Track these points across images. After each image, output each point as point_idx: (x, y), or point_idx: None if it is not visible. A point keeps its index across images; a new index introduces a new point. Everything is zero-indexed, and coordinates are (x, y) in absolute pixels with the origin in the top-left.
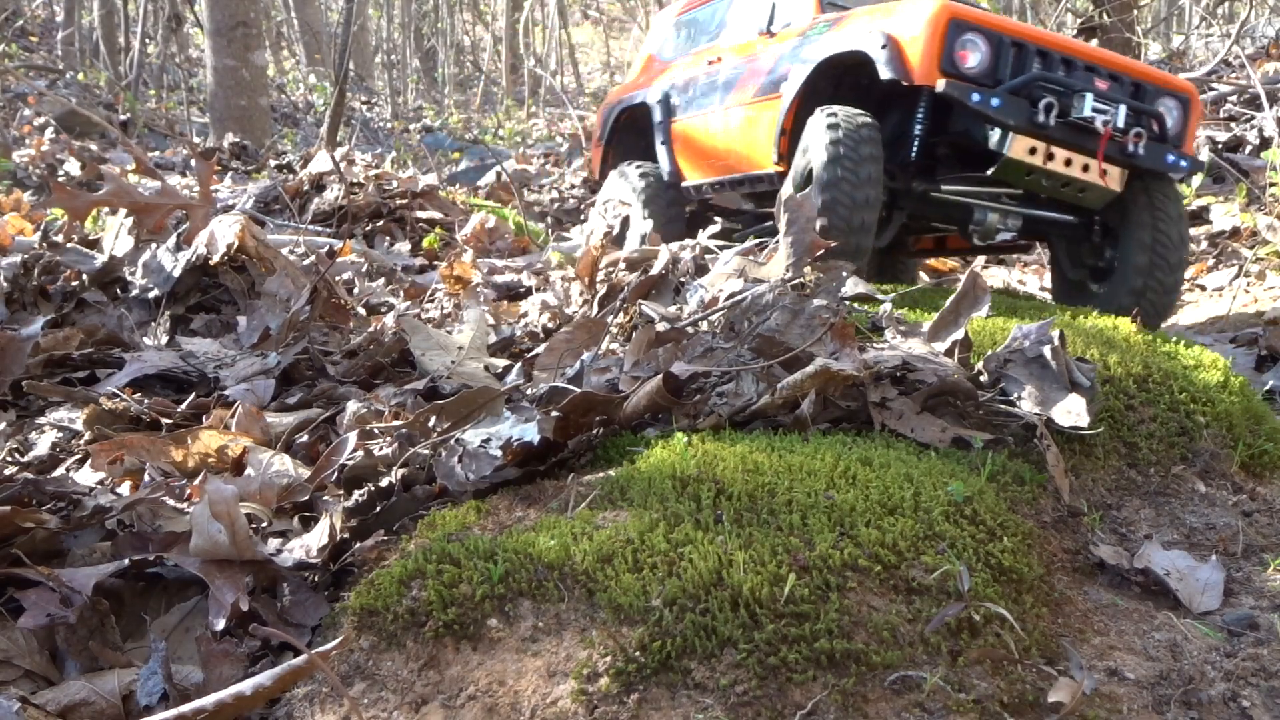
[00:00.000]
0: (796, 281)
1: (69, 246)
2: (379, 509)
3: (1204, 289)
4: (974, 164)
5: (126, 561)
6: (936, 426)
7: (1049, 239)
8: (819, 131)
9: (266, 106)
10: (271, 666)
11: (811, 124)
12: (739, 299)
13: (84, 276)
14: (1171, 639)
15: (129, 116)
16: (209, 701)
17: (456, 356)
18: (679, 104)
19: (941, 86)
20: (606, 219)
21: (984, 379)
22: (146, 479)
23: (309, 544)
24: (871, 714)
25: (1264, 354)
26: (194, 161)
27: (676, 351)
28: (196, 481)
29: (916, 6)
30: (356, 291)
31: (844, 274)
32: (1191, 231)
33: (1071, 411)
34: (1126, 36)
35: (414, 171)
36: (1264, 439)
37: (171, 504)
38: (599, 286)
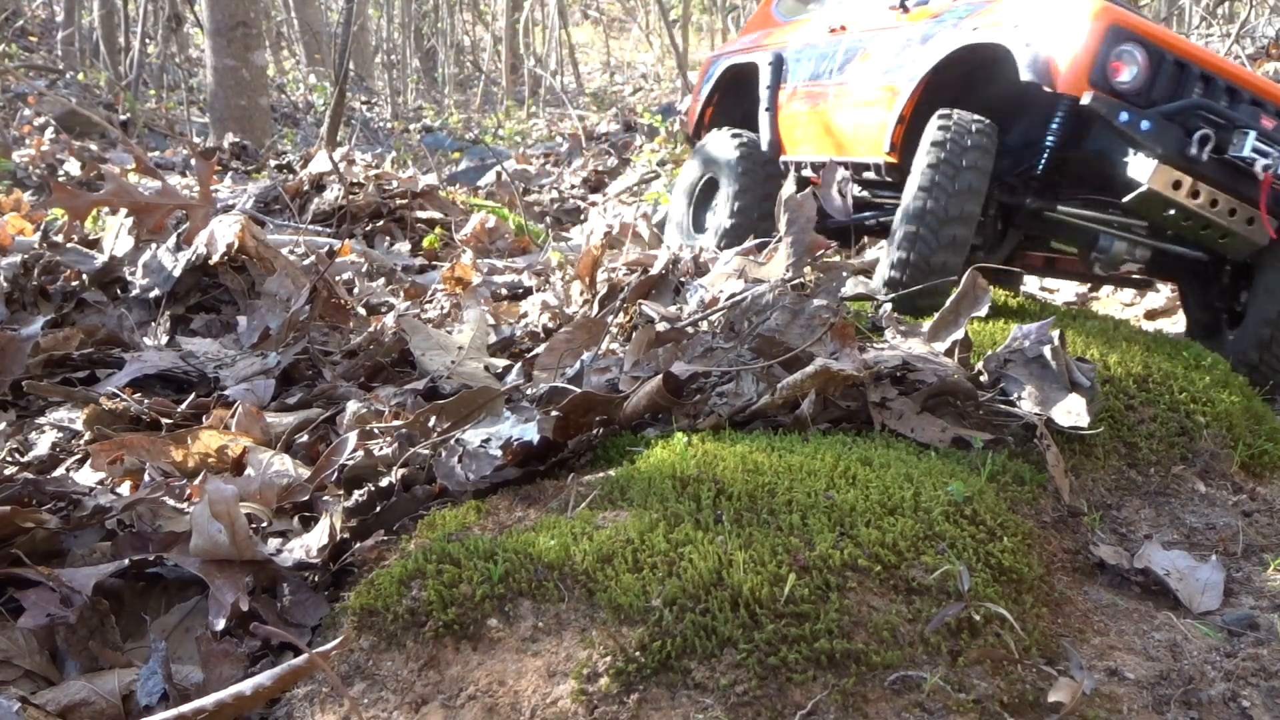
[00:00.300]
0: (796, 281)
1: (69, 246)
2: (379, 509)
3: None
4: (1102, 186)
5: (126, 561)
6: (936, 426)
7: (1175, 276)
8: (928, 131)
9: (266, 106)
10: (271, 666)
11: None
12: (739, 299)
13: (84, 276)
14: (1171, 639)
15: (129, 116)
16: (209, 701)
17: (456, 356)
18: (790, 70)
19: (1088, 100)
20: (605, 218)
21: (984, 379)
22: (146, 479)
23: (309, 544)
24: (871, 714)
25: None
26: (194, 161)
27: (676, 351)
28: (196, 481)
29: (1073, 4)
30: (356, 291)
31: (844, 274)
32: None
33: (1071, 411)
34: None
35: (414, 171)
36: (1264, 439)
37: (171, 504)
38: (599, 286)
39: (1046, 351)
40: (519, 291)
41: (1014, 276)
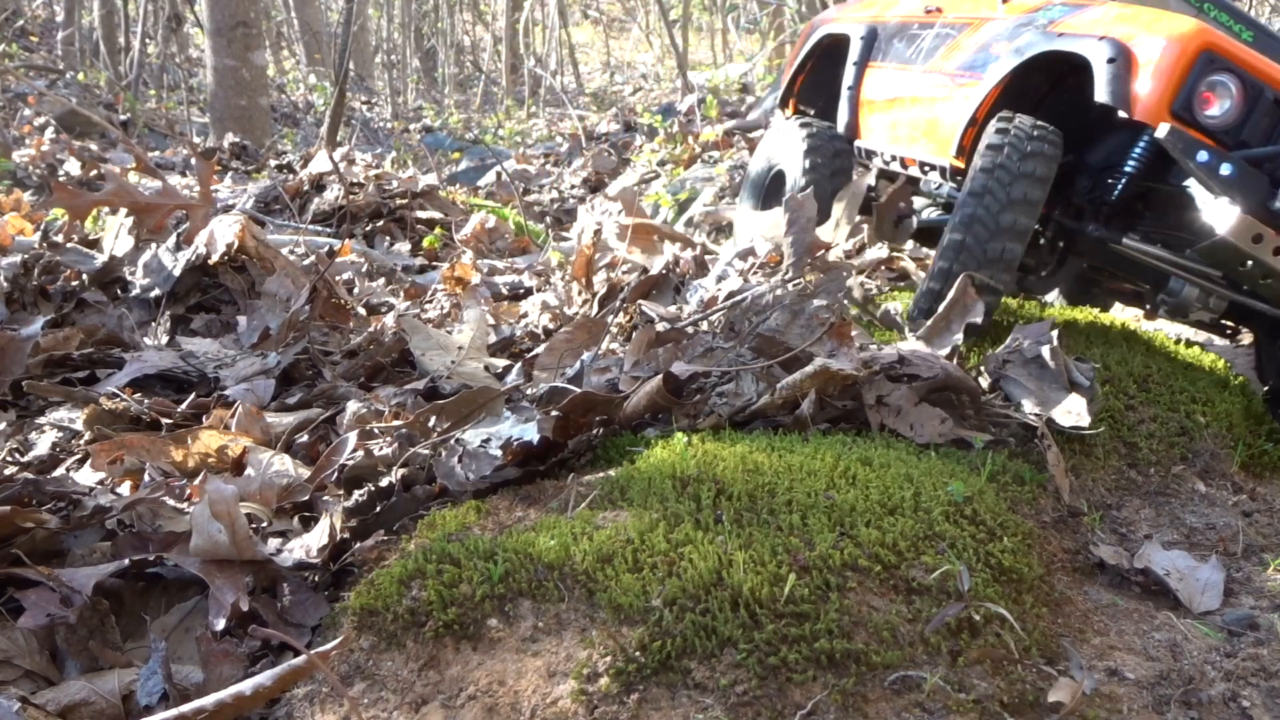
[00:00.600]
0: (796, 281)
1: (69, 246)
2: (379, 509)
3: None
4: (1183, 225)
5: (126, 561)
6: (936, 425)
7: (1251, 325)
8: (985, 134)
9: (266, 106)
10: (271, 666)
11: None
12: (739, 299)
13: (84, 276)
14: (1171, 639)
15: (129, 116)
16: (209, 701)
17: (456, 356)
18: (880, 47)
19: (1163, 133)
20: (595, 216)
21: (983, 380)
22: (146, 479)
23: (309, 544)
24: (871, 714)
25: None
26: (194, 161)
27: (676, 351)
28: (196, 481)
29: (1167, 21)
30: (356, 291)
31: (844, 274)
32: None
33: (1071, 411)
34: None
35: (414, 171)
36: (1264, 439)
37: (171, 504)
38: (598, 286)
39: (1045, 352)
40: (519, 291)
41: (1104, 294)
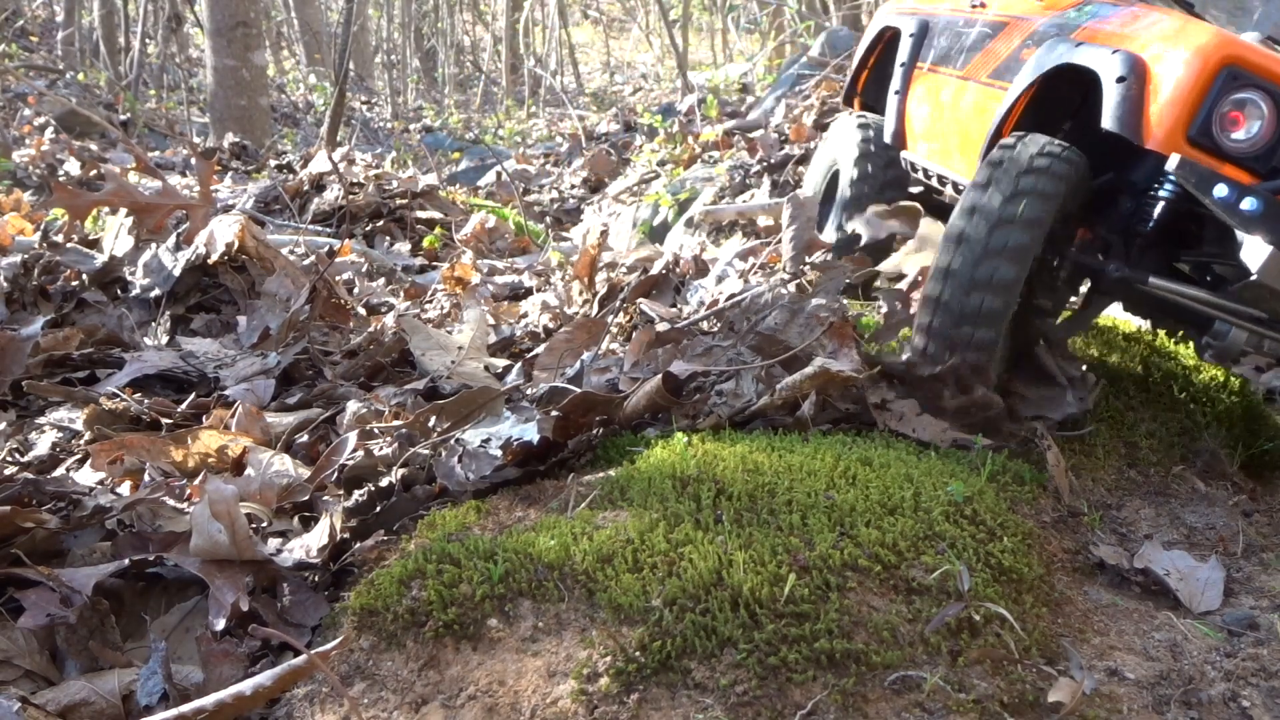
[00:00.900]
0: (796, 280)
1: (69, 246)
2: (379, 509)
3: None
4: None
5: (126, 561)
6: (937, 426)
7: None
8: (980, 161)
9: (266, 106)
10: (271, 666)
11: None
12: (739, 299)
13: (84, 276)
14: (1171, 639)
15: (129, 116)
16: (209, 701)
17: (456, 356)
18: (929, 46)
19: (1173, 164)
20: (600, 217)
21: None
22: (146, 479)
23: (309, 544)
24: (871, 714)
25: None
26: (194, 161)
27: (676, 351)
28: (196, 481)
29: (1186, 32)
30: (356, 291)
31: (844, 274)
32: None
33: (1066, 409)
34: None
35: (414, 171)
36: (1264, 439)
37: (171, 504)
38: (599, 286)
39: (1039, 351)
40: (519, 291)
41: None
